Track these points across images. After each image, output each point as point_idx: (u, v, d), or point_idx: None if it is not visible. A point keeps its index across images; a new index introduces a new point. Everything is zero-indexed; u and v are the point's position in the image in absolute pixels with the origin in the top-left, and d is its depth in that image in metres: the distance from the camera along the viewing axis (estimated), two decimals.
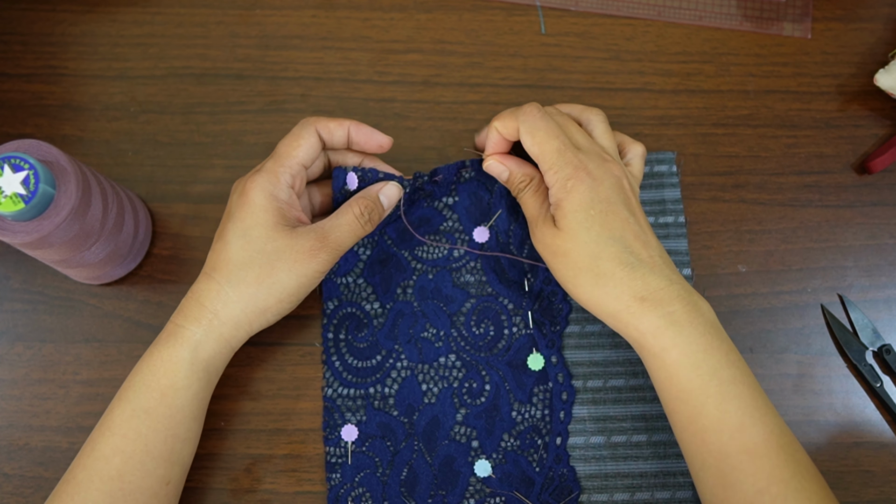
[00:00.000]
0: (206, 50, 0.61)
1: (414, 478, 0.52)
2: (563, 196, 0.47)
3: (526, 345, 0.54)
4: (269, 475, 0.53)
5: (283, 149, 0.50)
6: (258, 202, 0.48)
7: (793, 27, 0.62)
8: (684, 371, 0.45)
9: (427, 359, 0.54)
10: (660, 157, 0.58)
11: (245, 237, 0.48)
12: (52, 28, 0.62)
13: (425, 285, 0.55)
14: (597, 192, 0.47)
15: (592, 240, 0.46)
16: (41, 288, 0.56)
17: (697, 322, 0.45)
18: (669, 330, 0.45)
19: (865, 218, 0.58)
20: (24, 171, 0.44)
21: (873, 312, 0.56)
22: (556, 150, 0.48)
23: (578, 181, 0.47)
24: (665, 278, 0.46)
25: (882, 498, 0.52)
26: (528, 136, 0.49)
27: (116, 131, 0.60)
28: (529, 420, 0.53)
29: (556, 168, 0.48)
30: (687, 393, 0.44)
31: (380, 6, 0.63)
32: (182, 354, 0.47)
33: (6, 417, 0.54)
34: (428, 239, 0.56)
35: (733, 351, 0.46)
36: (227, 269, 0.48)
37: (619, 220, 0.47)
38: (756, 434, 0.43)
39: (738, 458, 0.43)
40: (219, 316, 0.47)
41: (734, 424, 0.43)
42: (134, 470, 0.45)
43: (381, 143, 0.52)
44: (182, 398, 0.47)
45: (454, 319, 0.55)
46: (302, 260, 0.48)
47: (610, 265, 0.46)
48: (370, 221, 0.50)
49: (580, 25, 0.62)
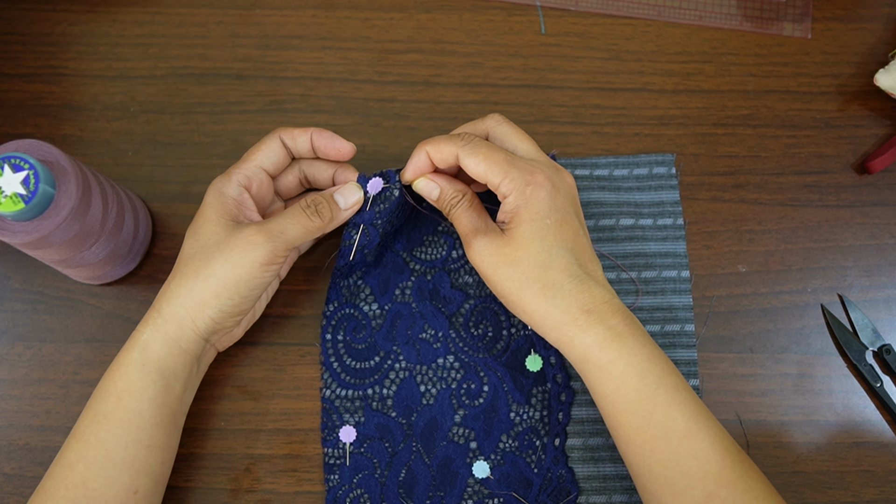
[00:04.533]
0: (206, 50, 0.61)
1: (412, 479, 0.52)
2: (522, 203, 0.46)
3: (524, 346, 0.54)
4: (269, 475, 0.53)
5: (246, 153, 0.51)
6: (208, 201, 0.49)
7: (793, 27, 0.62)
8: (632, 381, 0.45)
9: (425, 360, 0.54)
10: (658, 159, 0.58)
11: (194, 235, 0.49)
12: (52, 28, 0.62)
13: (423, 286, 0.55)
14: (555, 200, 0.46)
15: (545, 249, 0.46)
16: (41, 288, 0.56)
17: (638, 333, 0.46)
18: (615, 342, 0.45)
19: (865, 218, 0.58)
20: (24, 171, 0.44)
21: (873, 312, 0.56)
22: (505, 160, 0.46)
23: (538, 186, 0.46)
24: (608, 292, 0.46)
25: (882, 498, 0.52)
26: (470, 158, 0.47)
27: (116, 131, 0.60)
28: (528, 421, 0.53)
29: (511, 175, 0.46)
30: (634, 403, 0.45)
31: (380, 6, 0.63)
32: (133, 356, 0.47)
33: (6, 417, 0.54)
34: (425, 240, 0.56)
35: (669, 360, 0.46)
36: (176, 268, 0.49)
37: (571, 230, 0.47)
38: (703, 438, 0.44)
39: (687, 464, 0.43)
40: (162, 314, 0.47)
41: (681, 430, 0.44)
42: (96, 477, 0.45)
43: (340, 148, 0.51)
44: (138, 401, 0.46)
45: (452, 320, 0.55)
46: (237, 249, 0.47)
47: (560, 276, 0.46)
48: (317, 214, 0.49)
49: (580, 25, 0.62)
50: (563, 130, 0.59)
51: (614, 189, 0.57)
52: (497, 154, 0.47)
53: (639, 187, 0.57)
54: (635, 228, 0.57)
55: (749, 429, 0.53)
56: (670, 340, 0.54)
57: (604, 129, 0.59)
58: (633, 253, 0.56)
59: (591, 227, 0.57)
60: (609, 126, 0.59)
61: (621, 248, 0.56)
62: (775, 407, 0.54)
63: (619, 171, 0.58)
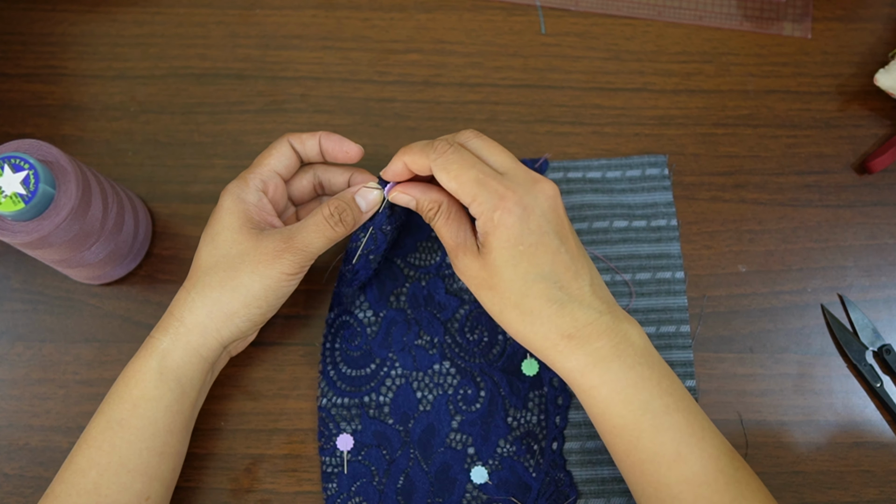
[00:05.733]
0: (206, 50, 0.61)
1: (410, 486, 0.52)
2: (490, 230, 0.44)
3: (520, 350, 0.54)
4: (269, 475, 0.53)
5: (257, 159, 0.51)
6: (226, 206, 0.48)
7: (793, 27, 0.62)
8: (615, 407, 0.44)
9: (421, 366, 0.54)
10: (651, 161, 0.58)
11: (213, 242, 0.48)
12: (52, 28, 0.62)
13: (417, 293, 0.55)
14: (527, 224, 0.44)
15: (520, 277, 0.44)
16: (41, 288, 0.56)
17: (626, 355, 0.44)
18: (598, 368, 0.44)
19: (865, 218, 0.58)
20: (24, 171, 0.44)
21: (873, 312, 0.56)
22: (474, 181, 0.44)
23: (506, 212, 0.43)
24: (594, 311, 0.44)
25: (882, 498, 0.52)
26: (442, 173, 0.45)
27: (116, 131, 0.60)
28: (525, 425, 0.53)
29: (479, 199, 0.44)
30: (620, 428, 0.44)
31: (380, 6, 0.63)
32: (150, 364, 0.46)
33: (6, 417, 0.54)
34: (419, 246, 0.56)
35: (666, 377, 0.44)
36: (195, 276, 0.48)
37: (548, 253, 0.44)
38: (694, 462, 0.43)
39: (679, 488, 0.43)
40: (185, 323, 0.47)
41: (670, 455, 0.43)
42: (110, 483, 0.45)
43: (348, 150, 0.51)
44: (153, 409, 0.46)
45: (447, 326, 0.55)
46: (265, 261, 0.47)
47: (537, 303, 0.44)
48: (341, 223, 0.48)
49: (580, 25, 0.62)
50: (563, 130, 0.59)
51: (607, 191, 0.57)
52: (468, 172, 0.44)
53: (632, 189, 0.57)
54: (629, 230, 0.57)
55: (749, 429, 0.53)
56: (666, 342, 0.54)
57: (604, 130, 0.59)
58: (626, 255, 0.56)
59: (585, 230, 0.56)
60: (609, 126, 0.59)
61: (615, 251, 0.56)
62: (775, 407, 0.54)
63: (612, 173, 0.58)
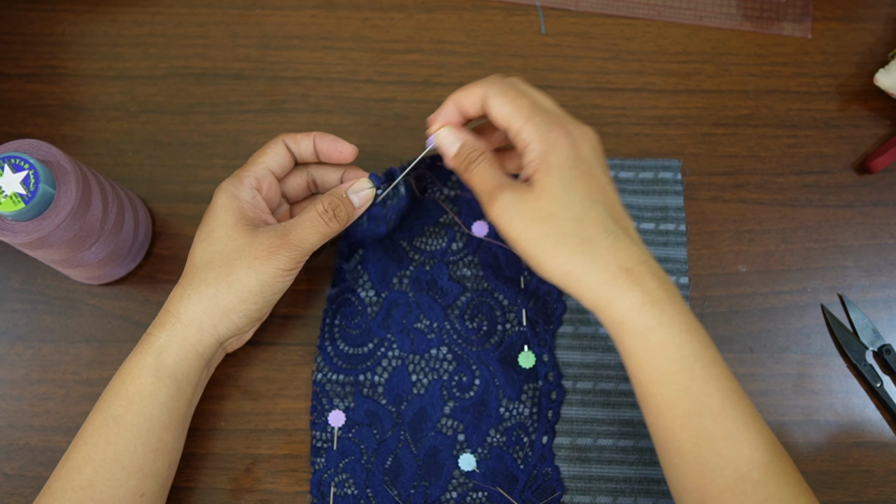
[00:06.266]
0: (206, 50, 0.61)
1: (398, 467, 0.52)
2: (547, 149, 0.44)
3: (518, 342, 0.54)
4: (269, 475, 0.53)
5: (252, 157, 0.51)
6: (220, 203, 0.49)
7: (793, 27, 0.62)
8: (669, 352, 0.42)
9: (419, 349, 0.54)
10: (665, 164, 0.58)
11: (208, 239, 0.48)
12: (52, 28, 0.62)
13: (421, 276, 0.56)
14: (578, 151, 0.44)
15: (578, 201, 0.43)
16: (41, 288, 0.56)
17: (676, 300, 0.43)
18: (654, 308, 0.42)
19: (865, 218, 0.58)
20: (24, 171, 0.44)
21: (873, 312, 0.56)
22: (530, 106, 0.45)
23: (561, 135, 0.44)
24: (644, 250, 0.44)
25: (882, 498, 0.52)
26: (497, 98, 0.45)
27: (116, 131, 0.60)
28: (517, 417, 0.53)
29: (535, 121, 0.44)
30: (669, 375, 0.42)
31: (380, 6, 0.63)
32: (147, 360, 0.46)
33: (6, 417, 0.54)
34: (427, 230, 0.56)
35: (705, 332, 0.44)
36: (190, 273, 0.48)
37: (599, 184, 0.44)
38: (737, 417, 0.42)
39: (720, 444, 0.41)
40: (181, 319, 0.47)
41: (716, 408, 0.42)
42: (104, 479, 0.45)
43: (343, 150, 0.51)
44: (149, 406, 0.46)
45: (448, 312, 0.55)
46: (261, 257, 0.47)
47: (595, 231, 0.43)
48: (335, 218, 0.48)
49: (580, 25, 0.62)
50: None
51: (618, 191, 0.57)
52: (523, 99, 0.45)
53: (643, 191, 0.57)
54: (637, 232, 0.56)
55: None
56: None
57: (604, 130, 0.59)
58: None
59: None
60: (609, 126, 0.59)
61: None
62: (775, 407, 0.54)
63: (625, 173, 0.58)
